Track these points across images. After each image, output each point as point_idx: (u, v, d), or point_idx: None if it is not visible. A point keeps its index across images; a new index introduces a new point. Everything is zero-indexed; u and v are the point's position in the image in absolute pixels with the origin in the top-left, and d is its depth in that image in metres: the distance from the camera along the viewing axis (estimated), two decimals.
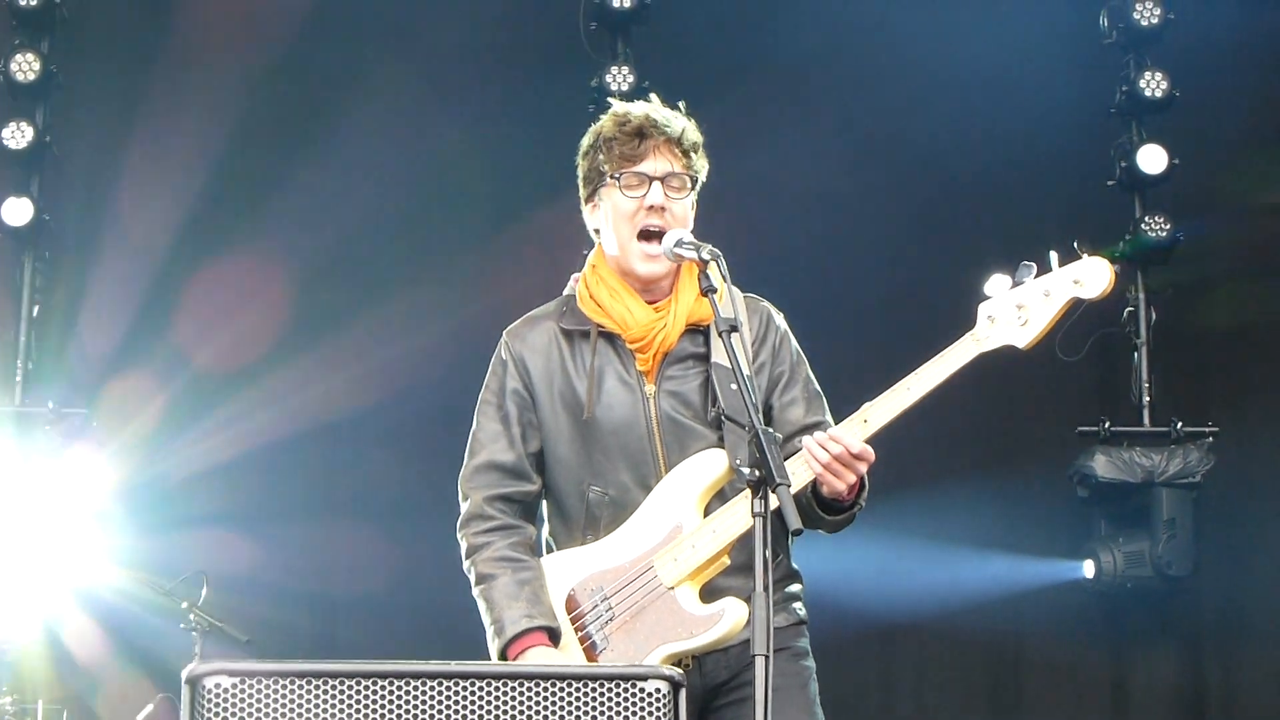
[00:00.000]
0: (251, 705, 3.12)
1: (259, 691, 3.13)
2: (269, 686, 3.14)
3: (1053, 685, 8.84)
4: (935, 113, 8.92)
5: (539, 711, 3.17)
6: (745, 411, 3.56)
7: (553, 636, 3.98)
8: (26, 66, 8.49)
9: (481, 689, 3.17)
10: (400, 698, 3.15)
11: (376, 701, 3.14)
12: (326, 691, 3.14)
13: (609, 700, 3.20)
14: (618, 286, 4.12)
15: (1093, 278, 3.92)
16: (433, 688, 3.16)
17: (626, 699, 3.20)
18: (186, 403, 8.42)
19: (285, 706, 3.12)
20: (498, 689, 3.18)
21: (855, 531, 4.13)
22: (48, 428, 8.25)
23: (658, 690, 3.21)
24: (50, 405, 8.29)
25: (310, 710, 3.13)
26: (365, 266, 8.78)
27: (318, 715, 3.13)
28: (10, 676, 6.89)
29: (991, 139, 8.87)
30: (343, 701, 3.14)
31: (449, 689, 3.16)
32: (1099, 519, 8.83)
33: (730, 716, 4.00)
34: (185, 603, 6.97)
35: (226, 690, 3.13)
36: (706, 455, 4.01)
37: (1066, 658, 8.80)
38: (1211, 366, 9.09)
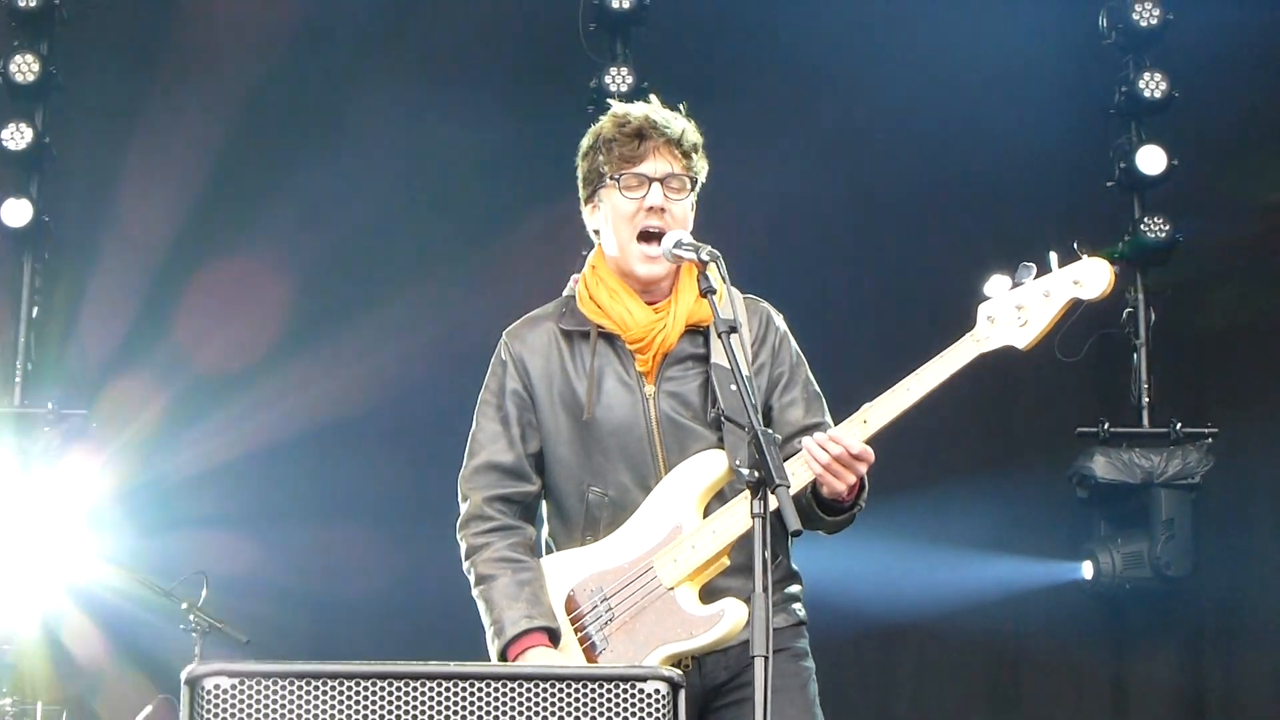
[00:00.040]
0: (251, 706, 3.12)
1: (258, 692, 3.13)
2: (268, 687, 3.14)
3: (1052, 686, 8.84)
4: (935, 113, 8.92)
5: (538, 712, 3.18)
6: (745, 412, 3.56)
7: (552, 637, 3.98)
8: (26, 68, 8.49)
9: (481, 690, 3.17)
10: (400, 699, 3.15)
11: (376, 702, 3.14)
12: (326, 692, 3.14)
13: (608, 701, 3.20)
14: (617, 287, 4.12)
15: (1092, 278, 3.92)
16: (432, 688, 3.16)
17: (626, 700, 3.20)
18: (186, 403, 8.41)
19: (285, 707, 3.13)
20: (497, 690, 3.18)
21: (855, 532, 4.13)
22: (47, 429, 8.25)
23: (657, 691, 3.22)
24: (50, 406, 8.29)
25: (310, 711, 3.13)
26: (365, 267, 8.78)
27: (317, 716, 3.13)
28: (10, 677, 6.88)
29: (991, 139, 8.86)
30: (342, 702, 3.14)
31: (448, 690, 3.17)
32: (1098, 520, 8.83)
33: (730, 717, 4.00)
34: (185, 603, 6.96)
35: (226, 691, 3.13)
36: (706, 456, 4.01)
37: (1065, 658, 8.79)
38: (1211, 367, 9.09)
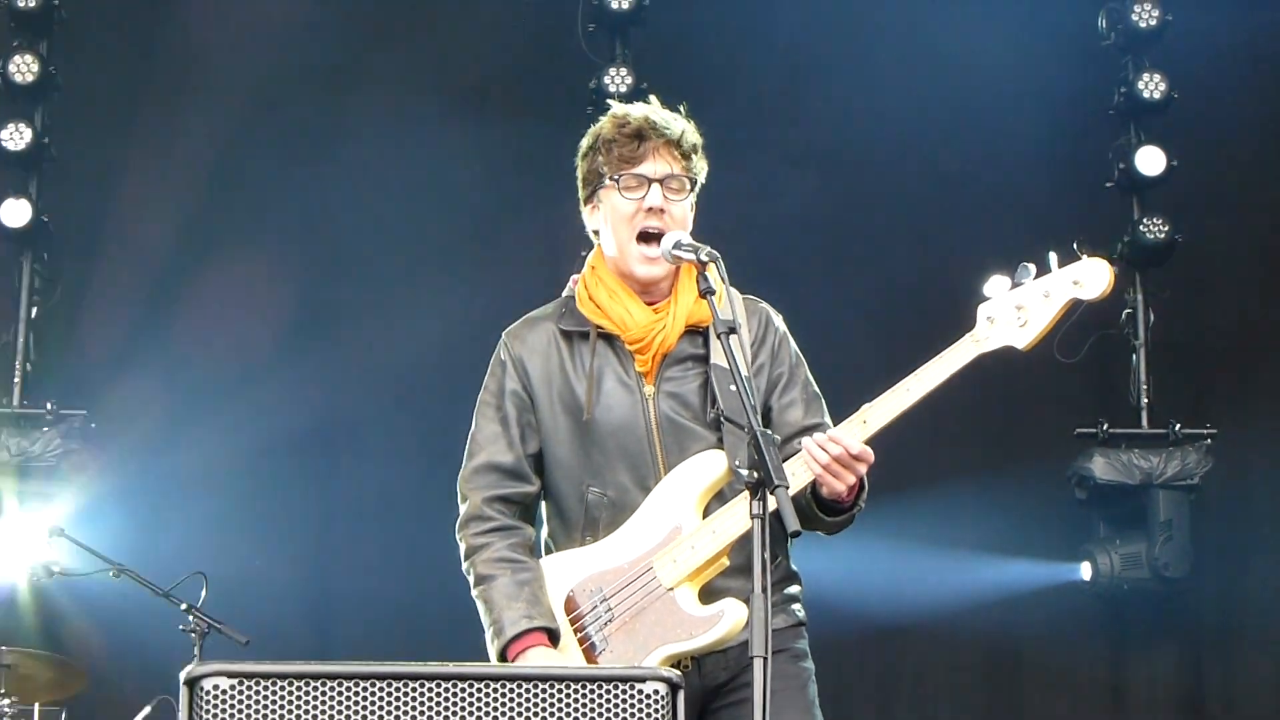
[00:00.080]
0: (250, 706, 3.12)
1: (257, 693, 3.13)
2: (267, 688, 3.13)
3: (1050, 687, 8.84)
4: (934, 113, 8.92)
5: (537, 713, 3.17)
6: (744, 413, 3.56)
7: (552, 637, 3.97)
8: (25, 68, 8.48)
9: (480, 690, 3.17)
10: (399, 699, 3.15)
11: (375, 703, 3.14)
12: (325, 693, 3.14)
13: (607, 702, 3.20)
14: (617, 288, 4.11)
15: (1092, 278, 3.91)
16: (432, 689, 3.16)
17: (625, 701, 3.20)
18: (186, 404, 8.42)
19: (284, 708, 3.12)
20: (496, 690, 3.18)
21: (854, 533, 4.12)
22: (47, 429, 8.25)
23: (656, 692, 3.21)
24: (50, 406, 8.29)
25: (309, 712, 3.13)
26: (365, 267, 8.78)
27: (316, 717, 3.13)
28: (9, 677, 6.87)
29: (990, 140, 8.86)
30: (341, 703, 3.14)
31: (448, 690, 3.16)
32: (1097, 521, 8.83)
33: (729, 718, 3.99)
34: (185, 604, 6.96)
35: (225, 691, 3.12)
36: (706, 456, 4.01)
37: (1064, 659, 8.79)
38: (1210, 368, 9.09)
